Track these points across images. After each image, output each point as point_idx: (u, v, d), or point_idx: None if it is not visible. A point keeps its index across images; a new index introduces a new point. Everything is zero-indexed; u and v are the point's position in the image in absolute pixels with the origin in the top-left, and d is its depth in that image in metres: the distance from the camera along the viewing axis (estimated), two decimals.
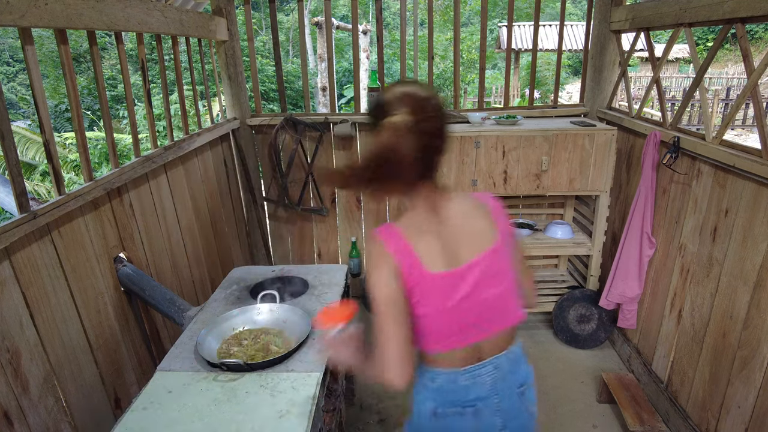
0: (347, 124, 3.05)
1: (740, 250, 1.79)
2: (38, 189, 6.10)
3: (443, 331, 1.09)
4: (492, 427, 1.14)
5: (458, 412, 1.13)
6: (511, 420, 1.16)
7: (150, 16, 2.01)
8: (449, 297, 1.06)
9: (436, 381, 1.13)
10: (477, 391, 1.12)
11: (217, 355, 1.53)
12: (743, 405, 1.76)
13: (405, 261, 1.03)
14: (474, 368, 1.12)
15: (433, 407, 1.14)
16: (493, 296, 1.09)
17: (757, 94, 1.77)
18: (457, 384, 1.12)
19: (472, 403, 1.13)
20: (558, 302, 2.86)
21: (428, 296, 1.05)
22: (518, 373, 1.18)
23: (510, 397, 1.15)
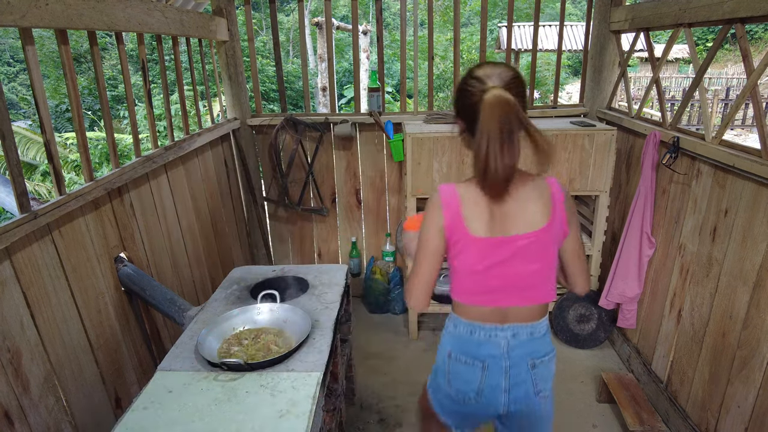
0: (347, 124, 3.06)
1: (740, 250, 1.79)
2: (39, 189, 6.10)
3: (471, 287, 1.23)
4: (496, 386, 1.24)
5: (469, 362, 1.25)
6: (516, 387, 1.24)
7: (150, 16, 2.01)
8: (481, 260, 1.19)
9: (457, 328, 1.27)
10: (489, 348, 1.23)
11: (217, 355, 1.53)
12: (743, 405, 1.76)
13: (450, 219, 1.18)
14: (493, 328, 1.23)
15: (449, 350, 1.28)
16: (528, 272, 1.20)
17: (757, 94, 1.77)
18: (473, 336, 1.24)
19: (483, 358, 1.23)
20: (558, 302, 2.86)
21: (464, 253, 1.19)
22: (534, 347, 1.25)
23: (519, 365, 1.24)
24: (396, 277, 3.28)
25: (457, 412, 1.36)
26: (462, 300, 1.26)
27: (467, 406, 1.30)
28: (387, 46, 14.48)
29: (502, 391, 1.24)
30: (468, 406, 1.29)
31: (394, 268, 3.36)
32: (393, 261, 3.40)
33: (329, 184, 3.32)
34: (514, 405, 1.27)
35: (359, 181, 3.31)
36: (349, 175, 3.30)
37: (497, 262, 1.18)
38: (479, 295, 1.23)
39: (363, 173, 3.29)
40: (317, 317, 1.73)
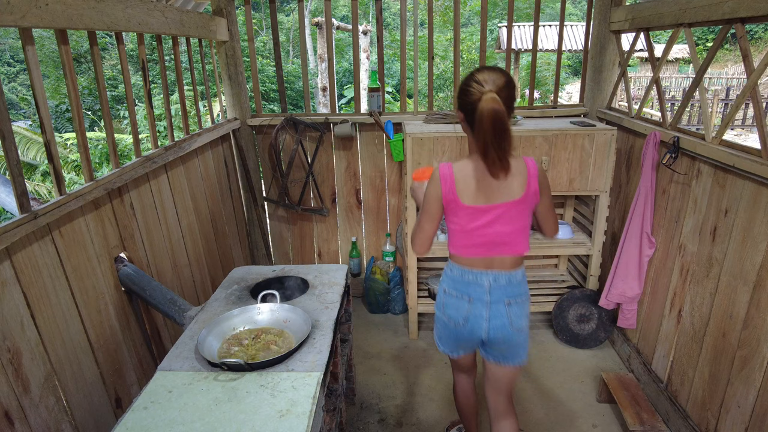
0: (347, 124, 3.06)
1: (740, 250, 1.79)
2: (39, 189, 6.10)
3: (464, 243, 1.59)
4: (479, 316, 1.60)
5: (458, 295, 1.62)
6: (494, 318, 1.60)
7: (150, 16, 2.01)
8: (471, 222, 1.54)
9: (452, 271, 1.64)
10: (475, 287, 1.60)
11: (217, 355, 1.53)
12: (743, 404, 1.76)
13: (447, 190, 1.52)
14: (479, 273, 1.59)
15: (445, 287, 1.67)
16: (507, 231, 1.55)
17: (757, 94, 1.77)
18: (463, 278, 1.61)
19: (469, 293, 1.60)
20: (558, 302, 2.86)
21: (457, 217, 1.55)
22: (510, 290, 1.61)
23: (498, 302, 1.59)
24: (396, 277, 3.28)
25: (450, 336, 1.71)
26: (456, 252, 1.62)
27: (457, 330, 1.66)
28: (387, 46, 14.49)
29: (484, 320, 1.60)
30: (458, 329, 1.65)
31: (394, 268, 3.36)
32: (393, 261, 3.40)
33: (329, 184, 3.32)
34: (493, 332, 1.61)
35: (359, 181, 3.31)
36: (349, 175, 3.30)
37: (483, 224, 1.54)
38: (469, 248, 1.59)
39: (363, 173, 3.29)
40: (317, 317, 1.73)
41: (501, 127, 1.37)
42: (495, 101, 1.36)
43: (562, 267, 3.43)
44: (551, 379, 2.63)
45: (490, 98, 1.36)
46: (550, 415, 2.38)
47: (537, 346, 2.93)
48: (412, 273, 2.86)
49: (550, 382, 2.61)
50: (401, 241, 3.25)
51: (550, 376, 2.65)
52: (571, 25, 13.66)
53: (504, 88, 1.42)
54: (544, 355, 2.85)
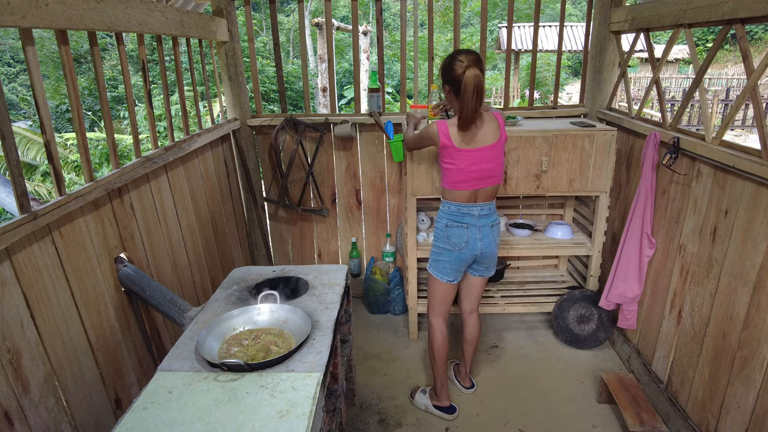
0: (347, 124, 3.06)
1: (740, 251, 1.79)
2: (39, 189, 6.11)
3: (459, 179, 2.05)
4: (474, 238, 2.12)
5: (458, 225, 2.11)
6: (485, 238, 2.14)
7: (151, 16, 2.01)
8: (462, 161, 2.02)
9: (450, 208, 2.13)
10: (469, 218, 2.11)
11: (217, 356, 1.53)
12: (743, 405, 1.76)
13: (444, 137, 2.02)
14: (471, 205, 2.10)
15: (446, 221, 2.15)
16: (488, 167, 2.06)
17: (757, 94, 1.77)
18: (459, 211, 2.11)
19: (466, 222, 2.11)
20: (558, 302, 2.86)
21: (453, 158, 2.03)
22: (492, 217, 2.16)
23: (485, 226, 2.13)
24: (396, 277, 3.28)
25: (454, 261, 2.16)
26: (452, 187, 2.09)
27: (461, 252, 2.13)
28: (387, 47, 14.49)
29: (478, 240, 2.12)
30: (461, 252, 2.13)
31: (394, 269, 3.36)
32: (393, 261, 3.40)
33: (329, 185, 3.32)
34: (485, 249, 2.15)
35: (359, 182, 3.31)
36: (349, 176, 3.30)
37: (471, 163, 2.02)
38: (462, 182, 2.06)
39: (363, 174, 3.29)
40: (317, 318, 1.73)
41: (481, 91, 1.90)
42: (477, 75, 1.86)
43: (562, 267, 3.43)
44: (551, 380, 2.63)
45: (473, 72, 1.86)
46: (550, 416, 2.37)
47: (537, 347, 2.93)
48: (412, 273, 2.86)
49: (550, 383, 2.60)
50: (401, 241, 3.25)
51: (550, 377, 2.65)
52: (571, 25, 13.67)
53: (478, 61, 1.92)
54: (544, 355, 2.84)
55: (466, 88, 1.87)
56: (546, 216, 3.35)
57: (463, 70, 1.88)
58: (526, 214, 3.34)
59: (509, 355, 2.85)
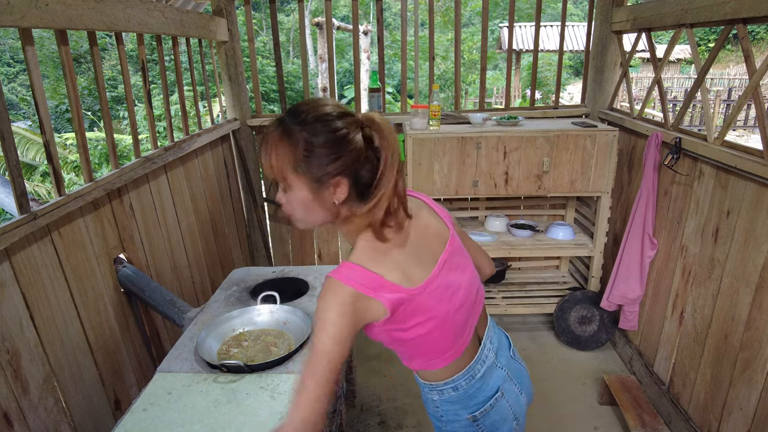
0: None
1: (742, 252, 1.78)
2: (38, 190, 6.10)
3: (454, 332, 1.05)
4: (515, 394, 1.19)
5: (493, 404, 1.13)
6: (518, 378, 1.22)
7: (150, 16, 2.01)
8: (444, 303, 1.02)
9: (459, 389, 1.11)
10: (490, 374, 1.14)
11: (217, 357, 1.52)
12: (745, 407, 1.75)
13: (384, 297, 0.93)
14: (480, 356, 1.12)
15: (470, 413, 1.12)
16: (467, 282, 1.09)
17: (759, 94, 1.76)
18: (476, 379, 1.11)
19: (495, 387, 1.14)
20: (559, 304, 2.85)
21: (428, 309, 1.00)
22: (501, 339, 1.24)
23: (509, 362, 1.21)
24: None
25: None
26: (446, 363, 1.07)
27: None
28: (387, 47, 14.49)
29: (518, 394, 1.21)
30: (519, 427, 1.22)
31: None
32: None
33: None
34: (526, 391, 1.26)
35: None
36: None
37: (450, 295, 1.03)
38: (454, 341, 1.06)
39: None
40: None
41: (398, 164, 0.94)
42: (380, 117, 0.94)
43: (563, 268, 3.42)
44: (552, 381, 2.62)
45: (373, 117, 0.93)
46: (551, 417, 2.37)
47: (538, 348, 2.92)
48: None
49: (551, 384, 2.60)
50: None
51: (551, 378, 2.64)
52: (573, 25, 13.67)
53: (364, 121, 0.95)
54: (546, 357, 2.84)
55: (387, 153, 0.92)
56: (547, 217, 3.34)
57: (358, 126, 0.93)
58: (527, 214, 3.33)
59: None
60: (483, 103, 3.23)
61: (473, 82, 14.49)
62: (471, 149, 2.58)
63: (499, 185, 2.65)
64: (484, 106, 3.26)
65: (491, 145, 2.57)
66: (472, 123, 2.82)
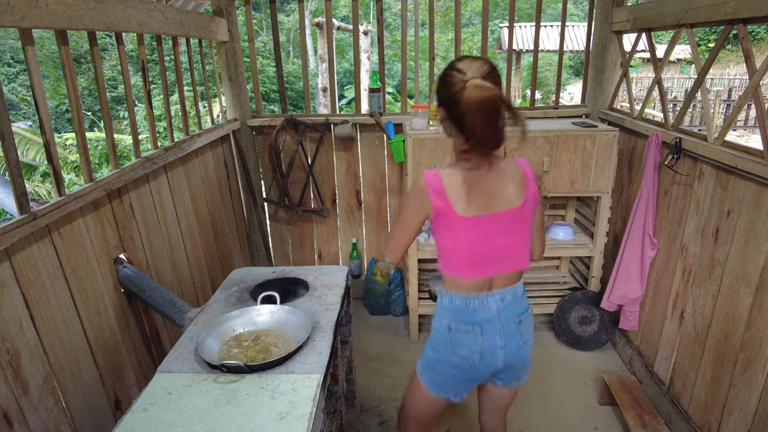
0: (348, 125, 3.05)
1: (742, 252, 1.78)
2: (38, 190, 6.10)
3: (462, 261, 1.37)
4: (494, 345, 1.41)
5: (468, 329, 1.40)
6: (509, 342, 1.43)
7: (150, 16, 2.01)
8: (469, 237, 1.34)
9: (453, 302, 1.42)
10: (483, 314, 1.39)
11: (217, 357, 1.52)
12: (746, 407, 1.75)
13: (437, 200, 1.32)
14: (484, 296, 1.39)
15: (448, 323, 1.43)
16: (509, 244, 1.37)
17: (759, 94, 1.77)
18: (468, 306, 1.40)
19: (480, 323, 1.40)
20: (559, 304, 2.85)
21: (453, 233, 1.34)
22: (518, 306, 1.45)
23: (509, 323, 1.42)
24: (397, 278, 3.27)
25: (460, 379, 1.48)
26: (455, 274, 1.40)
27: (472, 371, 1.45)
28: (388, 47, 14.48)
29: (500, 348, 1.42)
30: (473, 369, 1.44)
31: (395, 270, 3.35)
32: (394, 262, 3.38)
33: (330, 185, 3.32)
34: (510, 357, 1.44)
35: (360, 182, 3.30)
36: (350, 176, 3.30)
37: (482, 238, 1.34)
38: (469, 268, 1.38)
39: (364, 174, 3.29)
40: (317, 319, 1.72)
41: (493, 114, 1.18)
42: (483, 87, 1.18)
43: (563, 268, 3.42)
44: (552, 381, 2.62)
45: (474, 84, 1.19)
46: (551, 417, 2.37)
47: (538, 348, 2.92)
48: (412, 274, 2.86)
49: (552, 384, 2.60)
50: None
51: (552, 378, 2.64)
52: (573, 25, 13.67)
53: (489, 74, 1.24)
54: (546, 357, 2.84)
55: (467, 112, 1.20)
56: (547, 217, 3.34)
57: (463, 84, 1.21)
58: None
59: None
60: None
61: None
62: None
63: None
64: None
65: None
66: None
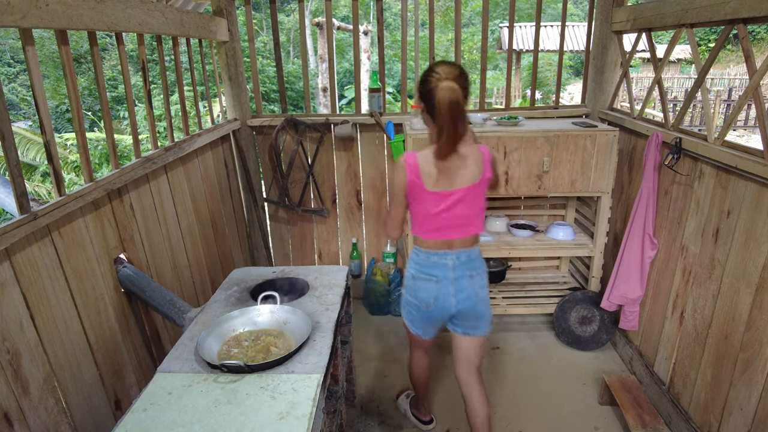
0: (348, 125, 3.05)
1: (742, 252, 1.78)
2: (39, 190, 6.10)
3: (428, 226, 1.74)
4: (446, 293, 1.77)
5: (426, 278, 1.77)
6: (460, 292, 1.77)
7: (151, 16, 2.01)
8: (434, 207, 1.70)
9: (418, 256, 1.80)
10: (441, 268, 1.76)
11: (217, 357, 1.52)
12: (746, 407, 1.75)
13: (412, 177, 1.67)
14: (443, 253, 1.75)
15: (413, 272, 1.82)
16: (466, 214, 1.72)
17: (759, 94, 1.77)
18: (429, 260, 1.77)
19: (436, 275, 1.76)
20: (559, 304, 2.85)
21: (421, 202, 1.70)
22: (471, 265, 1.78)
23: (462, 277, 1.76)
24: (397, 278, 3.27)
25: (422, 317, 1.86)
26: (421, 235, 1.77)
27: (429, 311, 1.81)
28: (388, 47, 14.49)
29: (451, 296, 1.76)
30: (429, 310, 1.81)
31: (394, 270, 3.35)
32: (394, 262, 3.39)
33: (330, 185, 3.32)
34: (461, 305, 1.78)
35: (360, 182, 3.30)
36: (350, 176, 3.30)
37: (445, 208, 1.69)
38: (433, 231, 1.74)
39: (364, 174, 3.29)
40: (317, 319, 1.72)
41: (457, 110, 1.55)
42: (451, 88, 1.54)
43: (563, 269, 3.42)
44: (553, 381, 2.62)
45: (446, 86, 1.55)
46: (551, 417, 2.37)
47: (538, 348, 2.92)
48: None
49: (552, 384, 2.60)
50: (402, 242, 3.24)
51: (552, 378, 2.64)
52: (573, 25, 13.67)
53: (458, 77, 1.59)
54: (546, 357, 2.84)
55: (439, 106, 1.55)
56: (547, 217, 3.34)
57: (437, 83, 1.57)
58: (528, 214, 3.33)
59: (510, 357, 2.84)
60: (483, 103, 3.23)
61: (473, 82, 14.45)
62: None
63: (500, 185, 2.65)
64: (484, 106, 3.27)
65: (491, 145, 2.57)
66: (472, 123, 2.82)
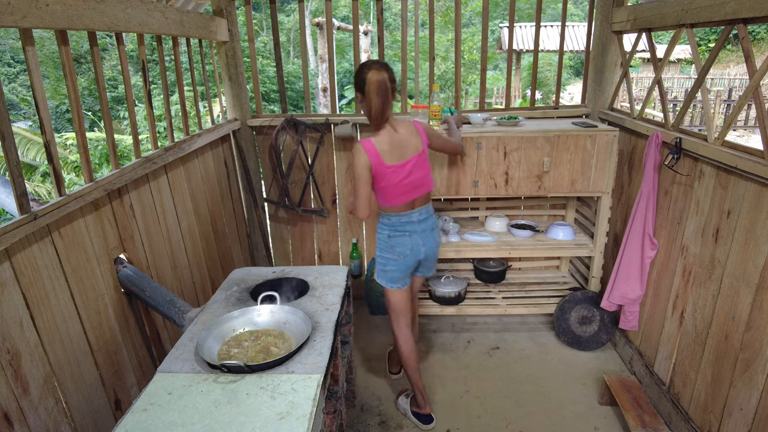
0: (348, 125, 3.05)
1: (742, 252, 1.78)
2: (39, 190, 6.10)
3: (394, 194, 2.08)
4: (418, 244, 2.17)
5: (400, 234, 2.15)
6: (426, 242, 2.19)
7: (151, 16, 2.01)
8: (395, 178, 2.04)
9: (390, 219, 2.15)
10: (410, 225, 2.15)
11: (217, 357, 1.52)
12: (746, 407, 1.75)
13: (373, 157, 1.99)
14: (409, 213, 2.13)
15: (388, 233, 2.17)
16: (419, 177, 2.09)
17: (759, 94, 1.76)
18: (399, 220, 2.14)
19: (407, 230, 2.15)
20: (559, 304, 2.85)
21: (385, 177, 2.03)
22: (429, 219, 2.20)
23: (425, 230, 2.18)
24: None
25: (400, 269, 2.19)
26: (389, 203, 2.11)
27: (406, 261, 2.17)
28: (388, 47, 14.49)
29: (421, 245, 2.17)
30: (406, 260, 2.17)
31: None
32: None
33: (330, 185, 3.32)
34: (429, 252, 2.21)
35: None
36: (350, 176, 3.30)
37: (404, 176, 2.05)
38: (399, 196, 2.08)
39: None
40: (318, 319, 1.72)
41: (385, 92, 1.95)
42: (379, 73, 1.94)
43: (563, 269, 3.42)
44: (553, 381, 2.62)
45: (375, 71, 1.95)
46: (551, 417, 2.37)
47: (539, 348, 2.92)
48: None
49: (552, 384, 2.60)
50: None
51: (552, 378, 2.64)
52: (573, 25, 13.67)
53: (386, 68, 1.98)
54: (546, 357, 2.84)
55: (369, 89, 1.94)
56: (547, 217, 3.34)
57: (368, 72, 1.95)
58: (528, 214, 3.33)
59: (510, 357, 2.84)
60: (483, 103, 3.23)
61: (473, 83, 14.48)
62: (471, 149, 2.59)
63: (500, 185, 2.65)
64: (484, 106, 3.26)
65: (491, 145, 2.58)
66: (472, 123, 2.82)
